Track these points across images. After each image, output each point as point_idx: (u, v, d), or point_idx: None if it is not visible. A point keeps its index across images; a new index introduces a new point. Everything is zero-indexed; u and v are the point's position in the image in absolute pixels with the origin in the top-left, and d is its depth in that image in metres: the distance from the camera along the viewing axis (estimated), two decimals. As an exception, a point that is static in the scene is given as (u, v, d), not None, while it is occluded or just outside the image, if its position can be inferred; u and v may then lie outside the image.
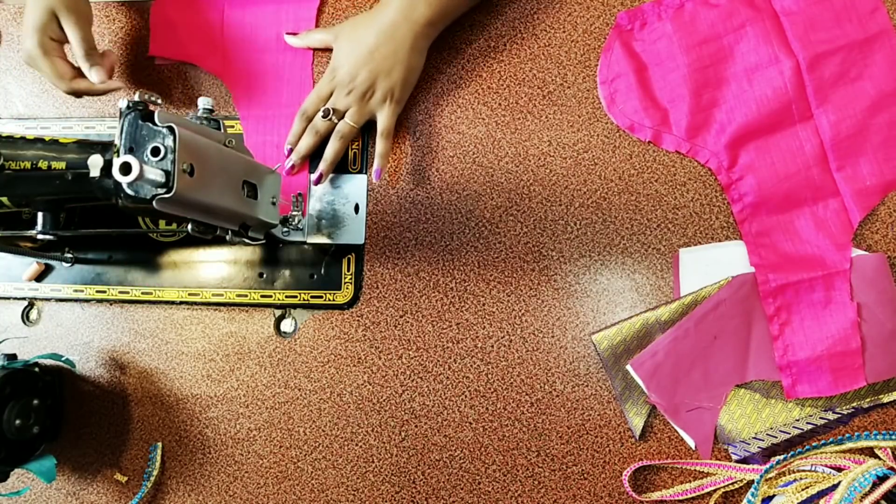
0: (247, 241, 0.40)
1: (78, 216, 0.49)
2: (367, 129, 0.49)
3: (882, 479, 0.39)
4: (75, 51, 0.44)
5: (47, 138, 0.38)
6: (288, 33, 0.49)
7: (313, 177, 0.46)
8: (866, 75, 0.44)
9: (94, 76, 0.44)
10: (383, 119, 0.45)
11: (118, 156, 0.33)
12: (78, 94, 0.46)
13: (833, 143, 0.44)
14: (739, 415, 0.43)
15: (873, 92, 0.44)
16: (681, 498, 0.44)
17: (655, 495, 0.44)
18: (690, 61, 0.45)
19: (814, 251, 0.44)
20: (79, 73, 0.45)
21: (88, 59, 0.44)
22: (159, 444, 0.49)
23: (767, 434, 0.43)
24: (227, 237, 0.38)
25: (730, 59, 0.45)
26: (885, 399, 0.42)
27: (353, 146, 0.49)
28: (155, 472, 0.48)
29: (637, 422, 0.44)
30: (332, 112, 0.45)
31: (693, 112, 0.45)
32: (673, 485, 0.44)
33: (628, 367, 0.44)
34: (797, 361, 0.43)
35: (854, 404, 0.42)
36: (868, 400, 0.42)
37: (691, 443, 0.44)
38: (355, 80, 0.44)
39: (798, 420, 0.43)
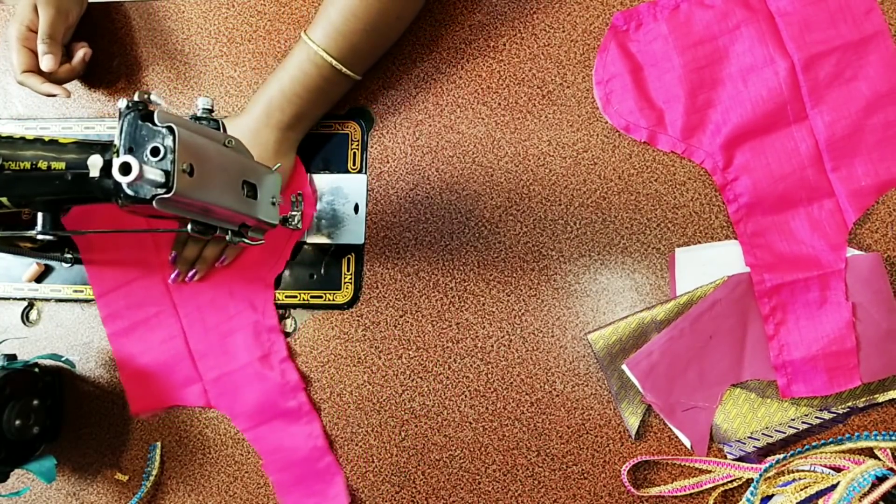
0: (246, 241, 0.40)
1: (77, 216, 0.49)
2: (368, 124, 0.49)
3: (881, 479, 0.39)
4: (38, 36, 0.45)
5: (47, 138, 0.38)
6: None
7: (180, 277, 0.47)
8: (861, 76, 0.44)
9: (43, 63, 0.44)
10: None
11: (118, 156, 0.33)
12: (27, 87, 0.46)
13: (828, 143, 0.44)
14: (735, 414, 0.44)
15: (868, 93, 0.44)
16: (679, 494, 0.44)
17: (654, 491, 0.44)
18: (686, 62, 0.46)
19: (809, 251, 0.44)
20: (37, 70, 0.45)
21: (42, 44, 0.44)
22: (158, 444, 0.49)
23: (763, 433, 0.43)
24: (227, 237, 0.38)
25: (725, 60, 0.45)
26: (881, 398, 0.43)
27: (353, 145, 0.49)
28: (154, 472, 0.48)
29: (633, 421, 0.44)
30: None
31: (688, 112, 0.46)
32: (671, 481, 0.44)
33: (624, 367, 0.44)
34: (792, 361, 0.43)
35: (849, 404, 0.43)
36: (863, 399, 0.43)
37: (687, 442, 0.44)
38: None
39: (794, 419, 0.43)
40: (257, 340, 0.47)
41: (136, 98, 0.34)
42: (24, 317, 0.51)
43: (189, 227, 0.35)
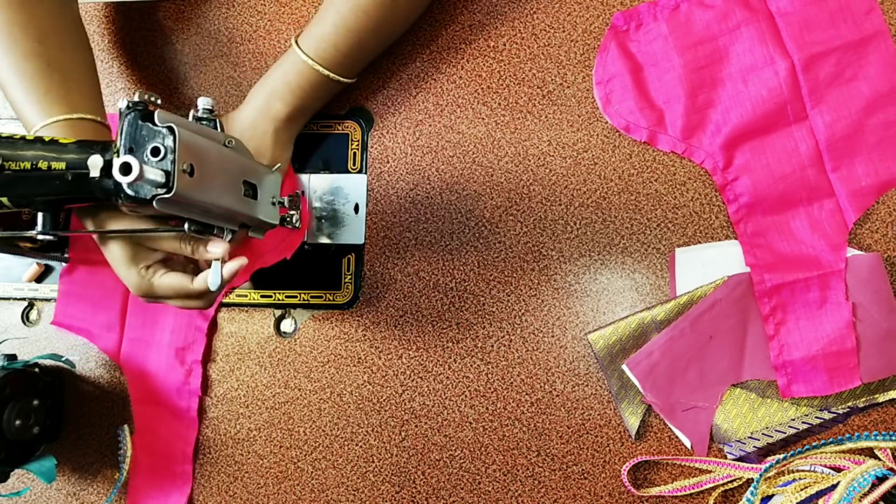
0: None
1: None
2: (368, 124, 0.49)
3: (881, 479, 0.39)
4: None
5: (47, 138, 0.38)
6: None
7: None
8: (861, 76, 0.44)
9: (221, 273, 0.36)
10: None
11: (118, 156, 0.33)
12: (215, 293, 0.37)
13: (828, 143, 0.44)
14: (735, 414, 0.44)
15: (868, 93, 0.44)
16: (679, 494, 0.44)
17: (654, 491, 0.44)
18: (686, 62, 0.46)
19: (809, 251, 0.44)
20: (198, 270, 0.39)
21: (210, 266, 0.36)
22: (125, 426, 0.49)
23: (763, 433, 0.43)
24: (228, 238, 0.38)
25: (725, 60, 0.45)
26: (881, 398, 0.43)
27: (353, 145, 0.49)
28: (129, 454, 0.48)
29: (633, 421, 0.44)
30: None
31: (688, 113, 0.46)
32: (671, 481, 0.44)
33: (624, 367, 0.44)
34: (792, 361, 0.43)
35: (849, 404, 0.43)
36: (863, 399, 0.43)
37: (687, 442, 0.44)
38: None
39: (794, 419, 0.43)
40: (184, 332, 0.48)
41: (136, 98, 0.34)
42: (24, 317, 0.51)
43: (186, 226, 0.35)
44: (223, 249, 0.36)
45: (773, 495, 0.42)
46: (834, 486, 0.40)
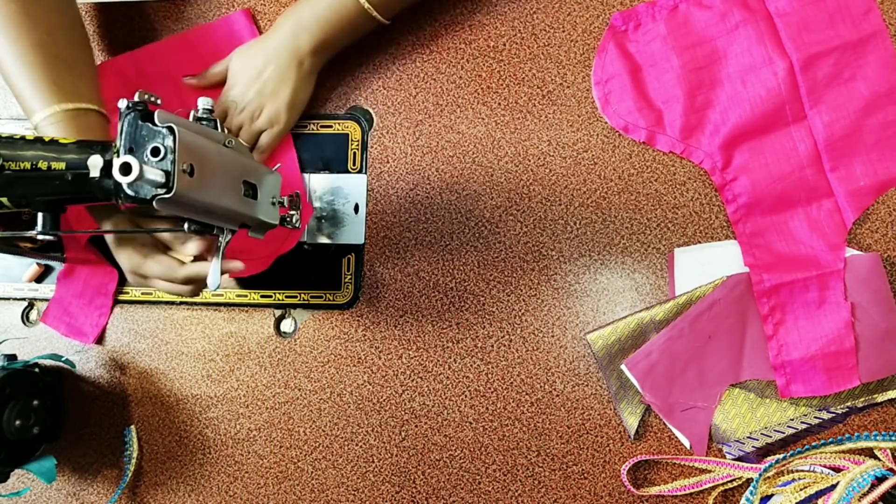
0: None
1: (77, 216, 0.49)
2: (368, 124, 0.49)
3: (880, 479, 0.39)
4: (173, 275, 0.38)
5: (47, 138, 0.38)
6: (186, 76, 0.48)
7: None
8: (860, 76, 0.44)
9: (190, 248, 0.38)
10: (265, 139, 0.46)
11: (118, 156, 0.33)
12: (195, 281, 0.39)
13: (827, 143, 0.44)
14: (734, 414, 0.44)
15: (867, 93, 0.44)
16: (679, 493, 0.44)
17: (653, 490, 0.44)
18: (684, 62, 0.46)
19: (808, 251, 0.44)
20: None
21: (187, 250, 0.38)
22: (132, 427, 0.49)
23: (762, 433, 0.43)
24: (227, 237, 0.38)
25: (723, 61, 0.46)
26: (879, 398, 0.43)
27: (353, 145, 0.49)
28: (135, 454, 0.48)
29: (632, 421, 0.44)
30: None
31: (687, 113, 0.46)
32: (671, 481, 0.44)
33: (623, 367, 0.44)
34: (791, 361, 0.43)
35: (848, 404, 0.43)
36: (862, 399, 0.43)
37: (686, 442, 0.44)
38: (245, 99, 0.45)
39: (792, 419, 0.43)
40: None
41: (136, 98, 0.34)
42: (24, 317, 0.51)
43: (186, 226, 0.35)
44: (195, 249, 0.38)
45: (772, 495, 0.42)
46: (833, 486, 0.40)
